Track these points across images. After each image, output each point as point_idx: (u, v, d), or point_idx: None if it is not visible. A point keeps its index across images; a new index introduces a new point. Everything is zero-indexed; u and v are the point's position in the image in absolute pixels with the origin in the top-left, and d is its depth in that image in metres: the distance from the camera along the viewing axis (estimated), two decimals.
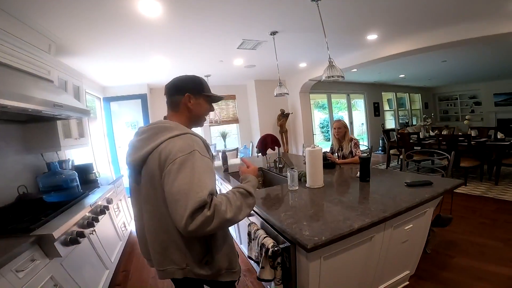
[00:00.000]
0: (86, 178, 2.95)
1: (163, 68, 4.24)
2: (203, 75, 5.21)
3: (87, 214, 1.98)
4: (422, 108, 11.20)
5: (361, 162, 1.93)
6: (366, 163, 1.92)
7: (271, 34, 3.05)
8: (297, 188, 1.88)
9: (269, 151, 2.68)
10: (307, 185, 1.93)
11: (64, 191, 2.12)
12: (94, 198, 2.23)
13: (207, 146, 1.00)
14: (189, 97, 1.05)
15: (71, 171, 2.31)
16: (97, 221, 2.05)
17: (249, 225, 1.65)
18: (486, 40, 3.28)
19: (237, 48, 3.51)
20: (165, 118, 1.09)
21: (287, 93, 3.37)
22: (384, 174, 2.26)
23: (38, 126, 2.36)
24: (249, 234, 1.63)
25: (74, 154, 3.93)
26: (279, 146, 2.57)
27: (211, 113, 5.33)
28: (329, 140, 9.38)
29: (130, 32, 2.69)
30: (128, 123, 5.46)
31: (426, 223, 1.78)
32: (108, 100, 5.27)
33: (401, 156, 5.46)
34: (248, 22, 2.77)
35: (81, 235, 1.74)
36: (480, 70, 7.25)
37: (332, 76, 2.17)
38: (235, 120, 6.94)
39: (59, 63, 2.52)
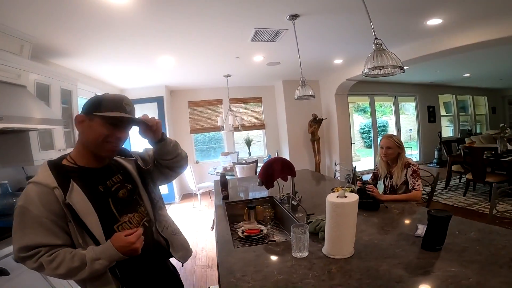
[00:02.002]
0: None
1: (173, 67, 3.76)
2: (223, 75, 4.64)
3: None
4: (489, 113, 9.33)
5: (430, 221, 1.06)
6: (441, 225, 1.05)
7: (290, 19, 2.30)
8: (306, 255, 1.14)
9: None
10: (324, 250, 1.17)
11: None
12: None
13: (50, 197, 0.82)
14: (80, 118, 0.89)
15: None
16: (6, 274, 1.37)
17: None
18: None
19: (251, 40, 2.83)
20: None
21: (313, 96, 2.58)
22: (464, 231, 1.26)
23: (6, 138, 2.13)
24: None
25: None
26: (293, 174, 1.77)
27: (230, 118, 4.70)
28: (370, 147, 8.18)
29: (124, 29, 2.35)
30: None
31: None
32: None
33: (466, 176, 4.28)
34: (258, 4, 2.08)
35: None
36: None
37: (381, 68, 1.25)
38: (261, 126, 6.26)
39: (36, 66, 2.25)
